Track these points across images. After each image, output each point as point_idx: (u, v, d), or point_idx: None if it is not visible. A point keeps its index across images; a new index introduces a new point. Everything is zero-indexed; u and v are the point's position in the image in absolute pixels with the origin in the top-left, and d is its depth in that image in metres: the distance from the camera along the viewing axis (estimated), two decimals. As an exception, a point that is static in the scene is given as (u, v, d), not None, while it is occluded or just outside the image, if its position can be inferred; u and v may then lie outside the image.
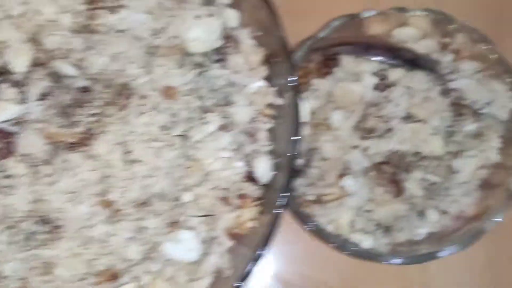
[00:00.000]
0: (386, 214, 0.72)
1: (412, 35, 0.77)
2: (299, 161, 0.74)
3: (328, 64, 0.76)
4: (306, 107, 0.72)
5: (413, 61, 0.75)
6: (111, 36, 0.63)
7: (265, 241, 0.61)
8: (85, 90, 0.62)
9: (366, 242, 0.73)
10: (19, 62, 0.61)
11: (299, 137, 0.63)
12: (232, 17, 0.70)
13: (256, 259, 0.61)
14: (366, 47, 0.77)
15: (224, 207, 0.67)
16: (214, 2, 0.69)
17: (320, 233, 0.71)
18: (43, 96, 0.61)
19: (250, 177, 0.67)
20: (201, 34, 0.64)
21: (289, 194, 0.63)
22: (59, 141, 0.60)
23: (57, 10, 0.63)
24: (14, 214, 0.61)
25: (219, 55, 0.68)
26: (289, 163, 0.64)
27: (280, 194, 0.62)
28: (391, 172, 0.72)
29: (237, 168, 0.67)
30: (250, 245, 0.64)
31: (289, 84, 0.64)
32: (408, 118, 0.73)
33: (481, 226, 0.72)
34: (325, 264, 0.80)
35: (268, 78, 0.69)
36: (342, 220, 0.73)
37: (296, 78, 0.64)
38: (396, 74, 0.75)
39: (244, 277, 0.61)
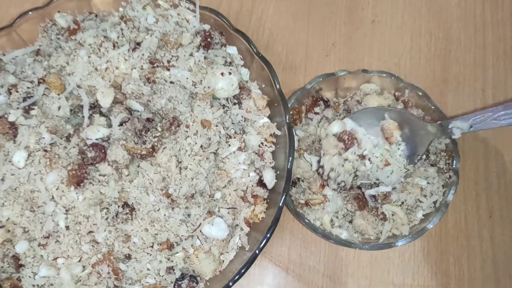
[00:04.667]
0: (358, 222, 0.98)
1: (374, 88, 1.07)
2: (294, 176, 1.01)
3: (314, 105, 1.05)
4: (295, 138, 0.98)
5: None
6: (166, 85, 0.88)
7: (271, 227, 0.84)
8: (149, 120, 0.86)
9: (343, 234, 0.98)
10: (105, 100, 0.85)
11: (291, 157, 0.89)
12: (244, 73, 0.97)
13: (264, 240, 0.83)
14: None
15: (243, 203, 0.90)
16: (233, 63, 0.97)
17: (310, 227, 0.96)
18: (122, 123, 0.84)
19: (261, 183, 0.92)
20: (225, 85, 0.90)
21: (286, 196, 0.86)
22: (134, 153, 0.82)
23: (128, 66, 0.88)
24: (106, 200, 0.82)
25: (237, 99, 0.94)
26: (287, 175, 0.88)
27: (281, 196, 0.87)
28: (358, 192, 0.99)
29: (251, 176, 0.91)
30: (261, 231, 0.87)
31: (284, 121, 0.91)
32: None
33: (425, 226, 0.97)
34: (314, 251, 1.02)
35: (270, 117, 0.96)
36: (325, 218, 0.98)
37: (289, 117, 0.91)
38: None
39: (256, 254, 0.83)
